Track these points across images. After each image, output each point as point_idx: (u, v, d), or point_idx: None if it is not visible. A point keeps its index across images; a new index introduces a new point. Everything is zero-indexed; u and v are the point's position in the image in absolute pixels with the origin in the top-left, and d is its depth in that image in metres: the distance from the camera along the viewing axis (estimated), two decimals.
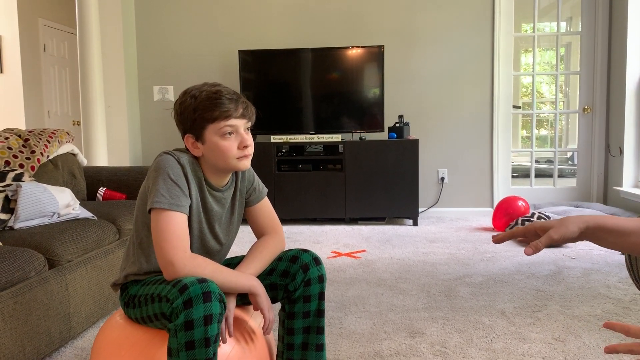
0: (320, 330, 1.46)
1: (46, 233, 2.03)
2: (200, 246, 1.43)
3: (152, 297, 1.27)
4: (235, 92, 1.37)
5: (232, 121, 1.33)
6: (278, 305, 2.44)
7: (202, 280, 1.18)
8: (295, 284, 1.42)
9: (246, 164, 1.38)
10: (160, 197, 1.28)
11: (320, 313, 1.45)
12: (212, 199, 1.41)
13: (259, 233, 1.54)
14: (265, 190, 1.56)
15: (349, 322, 2.22)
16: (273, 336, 1.55)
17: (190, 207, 1.35)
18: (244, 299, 1.46)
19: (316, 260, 1.45)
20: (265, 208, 1.54)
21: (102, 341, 1.40)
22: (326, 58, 4.41)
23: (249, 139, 1.36)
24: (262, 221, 1.53)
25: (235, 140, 1.34)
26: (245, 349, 1.36)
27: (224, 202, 1.45)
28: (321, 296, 1.45)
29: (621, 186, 4.38)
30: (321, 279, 1.45)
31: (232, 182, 1.47)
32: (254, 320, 1.48)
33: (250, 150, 1.37)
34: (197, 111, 1.32)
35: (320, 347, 1.46)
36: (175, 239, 1.26)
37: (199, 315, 1.15)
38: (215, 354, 1.18)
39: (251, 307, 1.53)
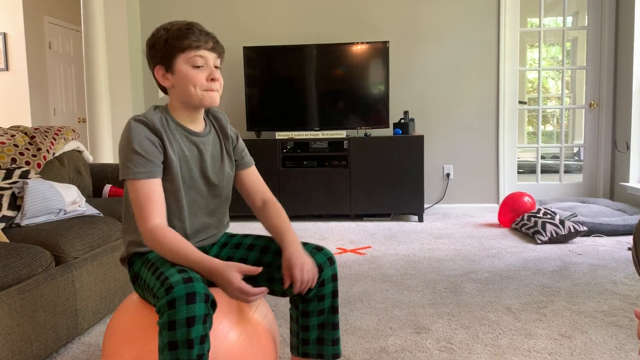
0: (335, 326, 1.46)
1: (52, 230, 2.04)
2: (195, 193, 1.43)
3: (148, 287, 1.29)
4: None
5: (202, 52, 1.35)
6: (280, 302, 2.44)
7: (187, 280, 1.18)
8: None
9: (214, 97, 1.38)
10: (126, 169, 1.31)
11: (334, 310, 1.45)
12: (192, 144, 1.41)
13: (253, 196, 1.55)
14: (253, 160, 1.59)
15: (355, 318, 2.22)
16: (277, 327, 1.54)
17: (170, 159, 1.35)
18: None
19: (330, 260, 1.44)
20: (256, 173, 1.58)
21: (116, 320, 1.42)
22: (331, 54, 4.40)
23: (217, 73, 1.38)
24: (256, 184, 1.56)
25: (205, 72, 1.36)
26: (252, 339, 1.36)
27: (207, 146, 1.45)
28: (334, 294, 1.45)
29: (628, 182, 4.36)
30: (334, 278, 1.44)
31: (209, 127, 1.48)
32: (259, 312, 1.48)
33: (218, 85, 1.38)
34: (168, 41, 1.35)
35: (336, 342, 1.47)
36: (143, 209, 1.30)
37: (182, 317, 1.14)
38: (201, 355, 1.16)
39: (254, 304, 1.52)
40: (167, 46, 1.34)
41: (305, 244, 1.47)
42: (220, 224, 1.54)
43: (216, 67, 1.39)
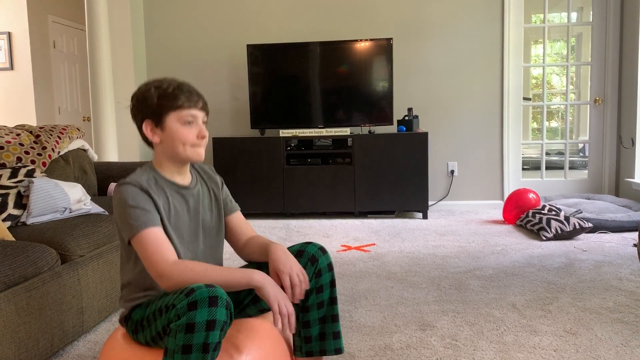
0: (335, 318, 1.47)
1: (58, 228, 2.05)
2: (190, 245, 1.43)
3: (160, 310, 1.25)
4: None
5: (194, 111, 1.39)
6: None
7: (209, 285, 1.17)
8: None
9: (200, 153, 1.41)
10: (129, 227, 1.30)
11: (333, 301, 1.47)
12: (182, 198, 1.42)
13: (239, 238, 1.55)
14: (238, 206, 1.61)
15: (360, 316, 2.22)
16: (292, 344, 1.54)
17: (162, 215, 1.35)
18: (259, 306, 1.46)
19: (322, 250, 1.47)
20: (241, 217, 1.58)
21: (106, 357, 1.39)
22: (335, 51, 4.40)
23: (205, 130, 1.41)
24: (242, 227, 1.56)
25: (194, 129, 1.39)
26: (268, 354, 1.35)
27: (197, 197, 1.45)
28: (332, 284, 1.47)
29: (633, 178, 4.34)
30: (330, 267, 1.46)
31: (196, 180, 1.48)
32: (273, 325, 1.47)
33: (205, 142, 1.42)
34: (160, 99, 1.37)
35: (337, 335, 1.48)
36: (155, 253, 1.27)
37: (203, 320, 1.12)
38: None
39: (269, 313, 1.52)
40: (158, 103, 1.37)
41: (292, 246, 1.49)
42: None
43: (204, 122, 1.43)
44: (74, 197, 2.29)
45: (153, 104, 1.37)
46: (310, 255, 1.44)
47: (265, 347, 1.36)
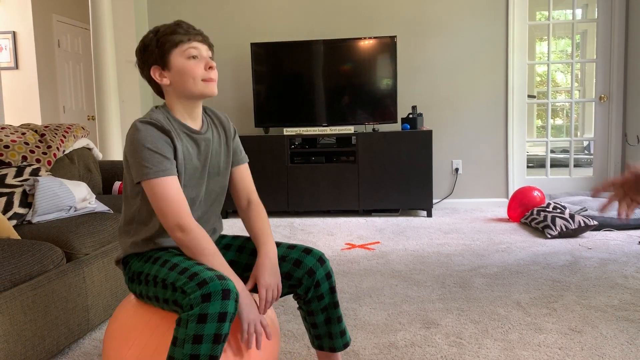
0: (339, 319, 1.52)
1: (63, 227, 2.05)
2: (196, 189, 1.44)
3: (164, 283, 1.27)
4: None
5: (195, 44, 1.38)
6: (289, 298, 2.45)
7: (221, 277, 1.20)
8: (304, 288, 1.45)
9: (212, 87, 1.40)
10: (144, 169, 1.30)
11: (335, 305, 1.50)
12: (193, 142, 1.42)
13: (240, 194, 1.56)
14: (247, 157, 1.61)
15: (364, 313, 2.22)
16: (278, 324, 1.55)
17: (179, 157, 1.37)
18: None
19: (320, 261, 1.47)
20: (247, 172, 1.59)
21: (115, 323, 1.42)
22: (338, 49, 4.39)
23: (212, 61, 1.41)
24: (245, 183, 1.57)
25: (201, 62, 1.39)
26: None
27: (208, 143, 1.45)
28: (332, 290, 1.49)
29: None
30: (329, 276, 1.48)
31: (207, 124, 1.48)
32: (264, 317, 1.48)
33: (215, 74, 1.41)
34: (160, 40, 1.37)
35: (344, 333, 1.53)
36: (175, 203, 1.30)
37: (215, 311, 1.16)
38: (220, 355, 1.19)
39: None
40: (159, 45, 1.37)
41: (294, 247, 1.49)
42: (218, 218, 1.56)
43: (210, 57, 1.42)
44: (79, 196, 2.30)
45: (154, 48, 1.37)
46: (307, 269, 1.44)
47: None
